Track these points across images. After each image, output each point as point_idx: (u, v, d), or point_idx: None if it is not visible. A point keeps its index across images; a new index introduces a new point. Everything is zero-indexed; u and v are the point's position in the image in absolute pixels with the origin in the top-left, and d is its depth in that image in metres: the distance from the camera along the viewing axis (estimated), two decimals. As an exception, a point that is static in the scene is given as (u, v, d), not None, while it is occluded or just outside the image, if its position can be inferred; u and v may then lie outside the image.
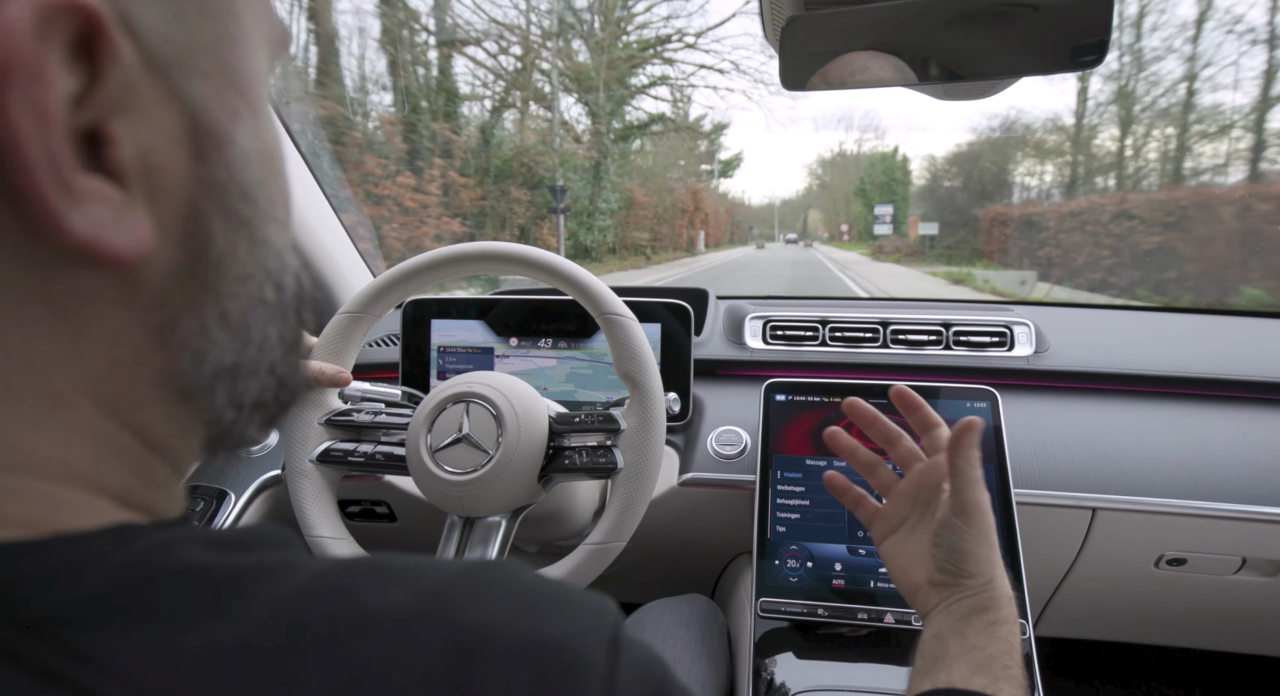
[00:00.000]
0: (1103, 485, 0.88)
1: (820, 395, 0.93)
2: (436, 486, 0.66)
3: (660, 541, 0.99)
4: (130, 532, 0.21)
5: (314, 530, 0.72)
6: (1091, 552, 0.92)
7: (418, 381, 1.04)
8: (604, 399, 1.00)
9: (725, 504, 0.94)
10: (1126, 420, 0.96)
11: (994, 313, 1.12)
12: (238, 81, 0.24)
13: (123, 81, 0.20)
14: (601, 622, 0.24)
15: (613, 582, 0.82)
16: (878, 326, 1.08)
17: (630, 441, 0.68)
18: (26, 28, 0.18)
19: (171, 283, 0.23)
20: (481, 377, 0.69)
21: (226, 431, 0.27)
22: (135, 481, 0.24)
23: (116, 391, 0.23)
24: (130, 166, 0.21)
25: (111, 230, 0.20)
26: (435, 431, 0.67)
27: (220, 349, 0.25)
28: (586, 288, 0.72)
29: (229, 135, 0.24)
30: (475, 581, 0.23)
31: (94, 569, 0.19)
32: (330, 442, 0.74)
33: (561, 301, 1.01)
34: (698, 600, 0.89)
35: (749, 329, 1.12)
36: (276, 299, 0.27)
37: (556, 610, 0.23)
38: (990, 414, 0.88)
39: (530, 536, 0.89)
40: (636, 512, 0.68)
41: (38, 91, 0.18)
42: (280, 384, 0.28)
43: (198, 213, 0.23)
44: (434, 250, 0.75)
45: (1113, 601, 1.01)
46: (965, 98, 0.78)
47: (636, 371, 0.70)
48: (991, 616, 0.51)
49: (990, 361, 1.04)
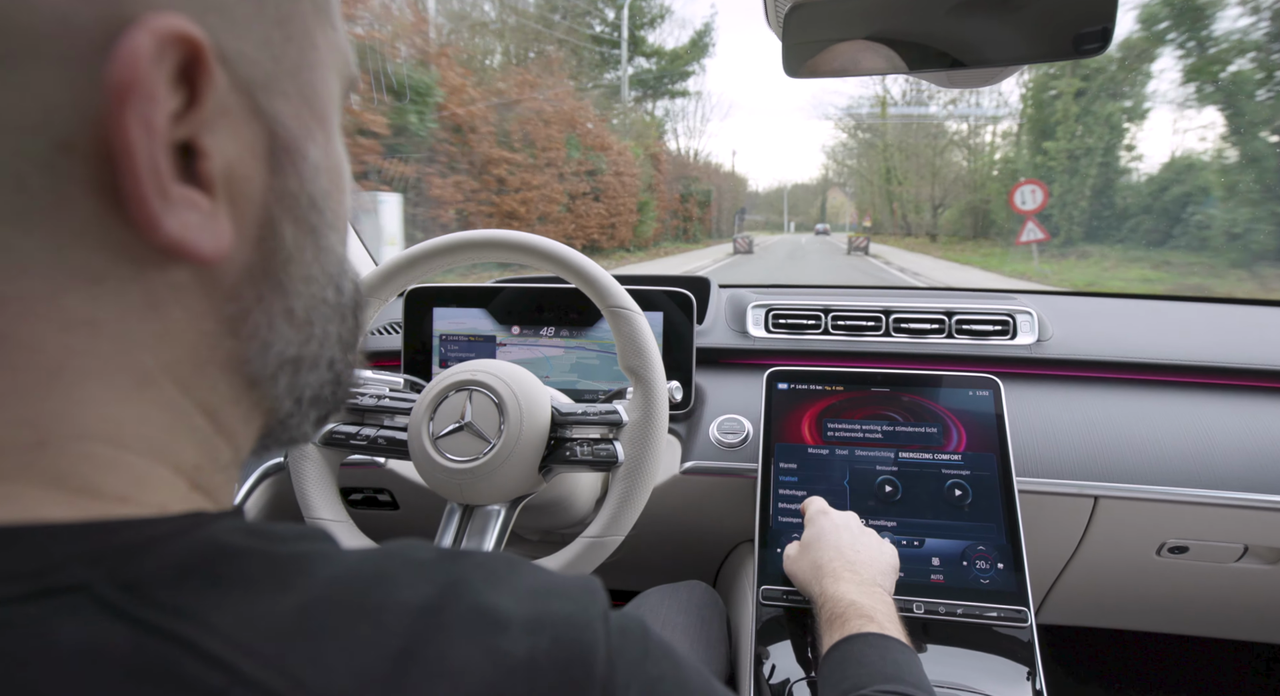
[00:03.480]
0: (1105, 473, 0.89)
1: (823, 383, 0.93)
2: (437, 473, 0.67)
3: (662, 529, 0.99)
4: (204, 518, 0.24)
5: (314, 511, 0.73)
6: (1093, 541, 0.93)
7: (420, 370, 1.04)
8: (607, 389, 0.99)
9: (727, 492, 0.95)
10: (1129, 408, 0.96)
11: (997, 301, 1.12)
12: (314, 102, 0.28)
13: (216, 103, 0.23)
14: (596, 600, 0.28)
15: (614, 570, 0.82)
16: (880, 315, 1.08)
17: (632, 435, 0.69)
18: (147, 52, 0.21)
19: (245, 279, 0.26)
20: (485, 366, 0.70)
21: (283, 424, 0.30)
22: (204, 460, 0.27)
23: (193, 373, 0.26)
24: (217, 177, 0.24)
25: (198, 233, 0.23)
26: (438, 418, 0.68)
27: (285, 341, 0.28)
28: (593, 279, 0.72)
29: (303, 150, 0.27)
30: (491, 572, 0.26)
31: (177, 544, 0.22)
32: (333, 424, 0.75)
33: (564, 289, 1.01)
34: (697, 586, 0.90)
35: (751, 317, 1.12)
36: (336, 300, 0.30)
37: (557, 595, 0.27)
38: (993, 402, 0.89)
39: (531, 524, 0.90)
40: (635, 507, 0.68)
41: (149, 108, 0.21)
42: (337, 380, 0.31)
43: (271, 219, 0.26)
44: (441, 236, 0.76)
45: (1114, 589, 1.01)
46: (968, 85, 0.79)
47: (641, 366, 0.70)
48: (838, 630, 0.60)
49: (993, 350, 1.04)
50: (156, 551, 0.22)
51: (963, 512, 0.84)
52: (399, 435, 0.73)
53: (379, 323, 1.19)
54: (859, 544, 0.71)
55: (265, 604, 0.22)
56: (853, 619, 0.60)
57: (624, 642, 0.27)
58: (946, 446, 0.88)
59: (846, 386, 0.93)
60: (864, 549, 0.71)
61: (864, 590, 0.64)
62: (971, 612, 0.77)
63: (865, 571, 0.67)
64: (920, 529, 0.84)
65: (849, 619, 0.60)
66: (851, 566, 0.68)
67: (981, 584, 0.80)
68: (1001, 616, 0.77)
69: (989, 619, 0.77)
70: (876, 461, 0.89)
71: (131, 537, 0.22)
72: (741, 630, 0.84)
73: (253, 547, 0.23)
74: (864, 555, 0.70)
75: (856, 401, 0.92)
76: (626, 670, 0.26)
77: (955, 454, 0.87)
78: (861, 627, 0.59)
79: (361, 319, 0.33)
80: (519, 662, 0.23)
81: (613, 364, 1.01)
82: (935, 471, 0.87)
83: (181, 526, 0.23)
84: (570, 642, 0.25)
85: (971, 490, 0.85)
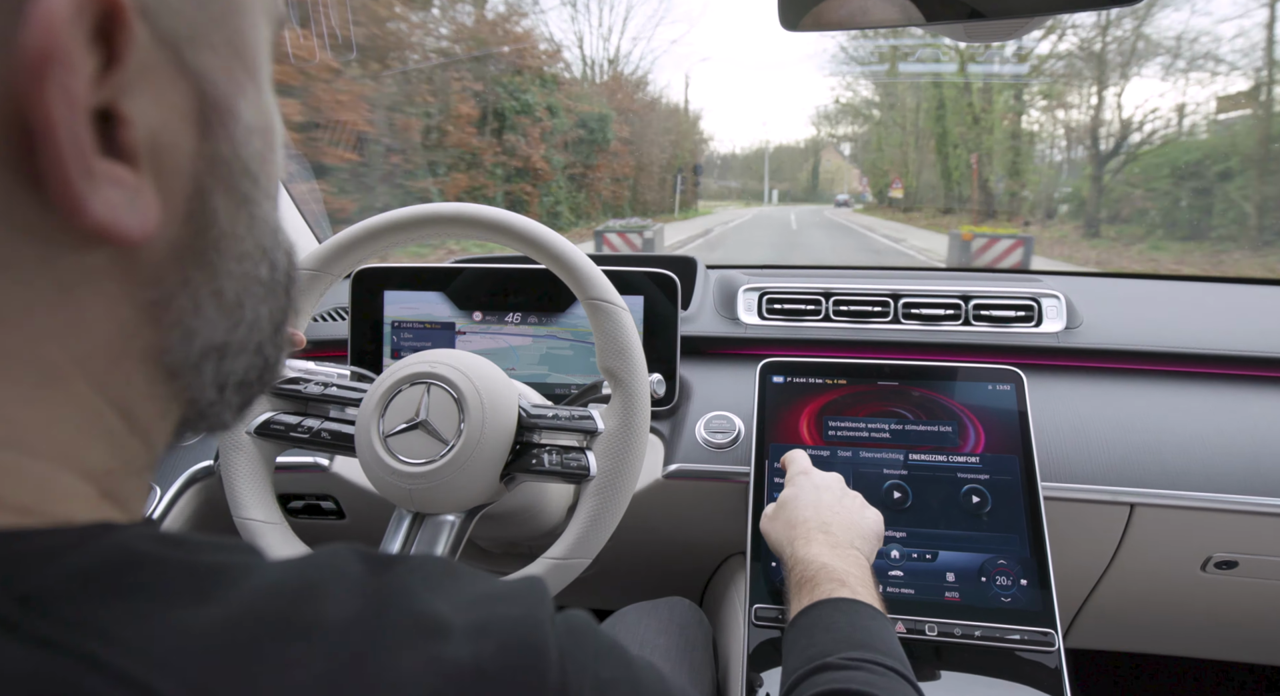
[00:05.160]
0: (1142, 478, 0.86)
1: (823, 376, 0.91)
2: (386, 476, 0.65)
3: (641, 541, 0.97)
4: (113, 527, 0.23)
5: (244, 511, 0.70)
6: (1129, 554, 0.89)
7: (369, 361, 1.02)
8: (581, 383, 0.98)
9: (715, 499, 0.92)
10: (1170, 404, 0.93)
11: (1020, 283, 1.09)
12: (244, 54, 0.26)
13: (137, 62, 0.22)
14: (542, 601, 0.28)
15: (587, 588, 0.83)
16: (888, 299, 1.06)
17: (608, 446, 0.67)
18: (65, 13, 0.20)
19: (170, 260, 0.25)
20: (443, 357, 0.67)
21: (202, 413, 0.29)
22: (117, 464, 0.26)
23: (107, 367, 0.24)
24: (141, 147, 0.22)
25: (124, 213, 0.22)
26: (389, 414, 0.65)
27: (211, 327, 0.27)
28: (572, 265, 0.69)
29: (234, 110, 0.25)
30: (428, 578, 0.26)
31: (81, 553, 0.21)
32: (273, 413, 0.72)
33: (533, 270, 0.99)
34: (679, 603, 0.88)
35: (743, 302, 1.10)
36: (270, 276, 0.29)
37: (500, 598, 0.27)
38: (1015, 398, 0.87)
39: (492, 536, 0.88)
40: (606, 527, 0.66)
41: (70, 78, 0.20)
42: (265, 364, 0.31)
43: (202, 190, 0.25)
44: (403, 209, 0.74)
45: (1153, 609, 0.98)
46: (988, 39, 0.80)
47: (622, 368, 0.68)
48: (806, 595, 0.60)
49: (1015, 338, 1.02)
50: (58, 562, 0.21)
51: (981, 522, 0.82)
52: (346, 429, 0.71)
53: (323, 307, 1.15)
54: (839, 506, 0.71)
55: (182, 617, 0.21)
56: (823, 582, 0.60)
57: (574, 644, 0.27)
58: (963, 447, 0.86)
59: (850, 379, 0.91)
60: (844, 511, 0.70)
61: (838, 553, 0.64)
62: (991, 635, 0.75)
63: (842, 533, 0.67)
64: (933, 540, 0.82)
65: (819, 582, 0.60)
66: (825, 527, 0.68)
67: (1002, 602, 0.77)
68: (1025, 639, 0.74)
69: (1011, 642, 0.75)
70: (883, 464, 0.87)
71: (29, 548, 0.21)
72: (730, 654, 0.82)
73: (167, 556, 0.23)
74: (842, 517, 0.69)
75: (861, 396, 0.90)
76: (579, 673, 0.26)
77: (973, 456, 0.85)
78: (832, 592, 0.59)
79: (295, 295, 0.32)
80: (465, 671, 0.23)
81: (588, 355, 0.99)
82: (950, 475, 0.84)
83: (88, 534, 0.22)
84: (519, 647, 0.25)
85: (991, 496, 0.83)
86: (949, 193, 23.44)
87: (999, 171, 20.65)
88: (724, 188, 54.66)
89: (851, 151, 47.49)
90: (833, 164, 57.91)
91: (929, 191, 26.19)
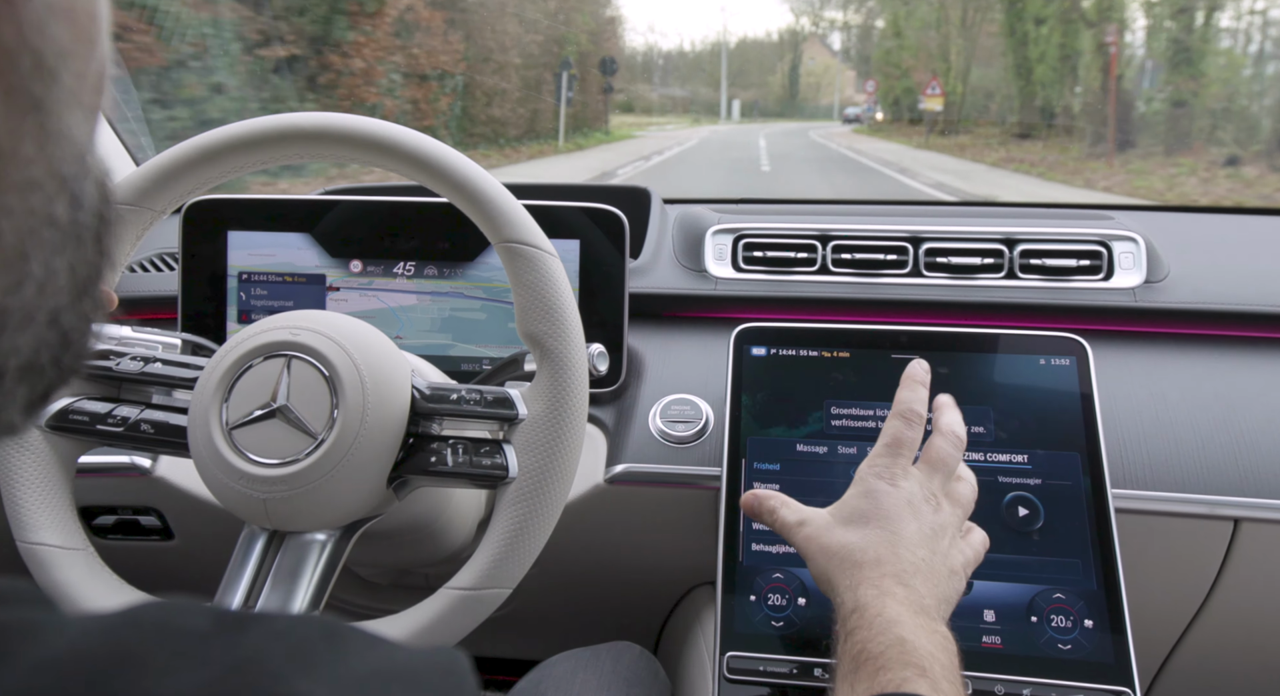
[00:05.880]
0: (1250, 484, 0.78)
1: (819, 347, 0.84)
2: (230, 481, 0.59)
3: (577, 567, 0.93)
4: None
5: (31, 533, 0.63)
6: (1232, 584, 0.82)
7: (208, 327, 0.92)
8: (497, 356, 0.90)
9: (675, 510, 0.87)
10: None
11: (1083, 222, 0.99)
12: None
13: None
14: (460, 686, 0.26)
15: (505, 630, 0.83)
16: (906, 243, 0.96)
17: (532, 437, 0.62)
18: None
19: None
20: (310, 321, 0.62)
21: None
22: None
23: None
24: None
25: None
26: (235, 398, 0.60)
27: None
28: (483, 197, 0.63)
29: None
30: (297, 648, 0.23)
31: None
32: (72, 399, 0.66)
33: (429, 204, 0.90)
34: (627, 650, 0.82)
35: (712, 247, 1.00)
36: (70, 216, 0.25)
37: (401, 679, 0.24)
38: (1076, 376, 0.80)
39: (377, 561, 0.83)
40: (531, 546, 0.61)
41: None
42: (64, 341, 0.26)
43: None
44: (249, 121, 0.67)
45: (1265, 658, 0.91)
46: None
47: (549, 333, 0.63)
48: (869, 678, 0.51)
49: (1077, 296, 0.93)
50: None
51: (1031, 542, 0.75)
52: (176, 419, 0.65)
53: (142, 254, 1.05)
54: (932, 546, 0.60)
55: None
56: (895, 666, 0.51)
57: None
58: (1006, 442, 0.79)
59: (855, 351, 0.84)
60: (935, 559, 0.59)
61: (921, 624, 0.53)
62: (1044, 694, 0.68)
63: (927, 591, 0.56)
64: None
65: (889, 664, 0.51)
66: (905, 578, 0.56)
67: (1060, 650, 0.71)
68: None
69: None
70: None
71: None
72: None
73: None
74: (934, 566, 0.59)
75: (870, 374, 0.83)
76: None
77: (1019, 453, 0.78)
78: (905, 683, 0.50)
79: (108, 244, 0.27)
80: None
81: (506, 319, 0.90)
82: (989, 480, 0.76)
83: None
84: None
85: (1044, 508, 0.76)
86: (1026, 104, 15.17)
87: (1158, 61, 12.95)
88: (666, 98, 43.51)
89: (844, 44, 38.38)
90: (819, 63, 48.31)
91: (981, 102, 18.11)
